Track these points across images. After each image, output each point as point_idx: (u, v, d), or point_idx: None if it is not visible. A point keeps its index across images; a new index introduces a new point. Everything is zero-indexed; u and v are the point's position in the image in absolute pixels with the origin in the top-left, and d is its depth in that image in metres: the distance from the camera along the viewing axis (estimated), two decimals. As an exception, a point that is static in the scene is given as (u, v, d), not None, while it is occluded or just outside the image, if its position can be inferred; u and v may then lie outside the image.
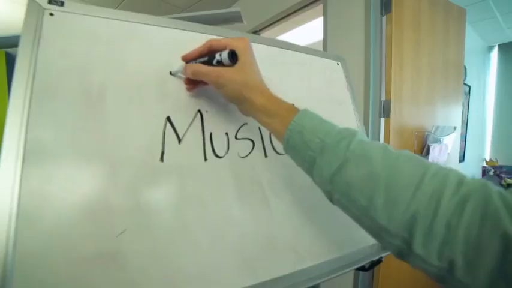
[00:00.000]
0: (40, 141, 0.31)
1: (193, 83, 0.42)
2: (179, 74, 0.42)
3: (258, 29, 1.83)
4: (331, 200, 0.33)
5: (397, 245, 0.26)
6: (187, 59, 0.41)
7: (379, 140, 1.20)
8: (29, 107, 0.31)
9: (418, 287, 1.33)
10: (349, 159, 0.29)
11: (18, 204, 0.28)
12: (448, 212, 0.23)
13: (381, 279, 1.14)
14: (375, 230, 0.28)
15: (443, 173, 0.25)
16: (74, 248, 0.29)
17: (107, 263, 0.30)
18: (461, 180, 0.24)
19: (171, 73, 0.42)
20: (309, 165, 0.33)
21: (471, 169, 2.52)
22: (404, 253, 0.26)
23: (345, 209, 0.31)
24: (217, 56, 0.37)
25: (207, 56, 0.39)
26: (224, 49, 0.37)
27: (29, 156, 0.30)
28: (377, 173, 0.27)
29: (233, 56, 0.36)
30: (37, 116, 0.31)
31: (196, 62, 0.40)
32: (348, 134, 0.31)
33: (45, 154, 0.31)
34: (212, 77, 0.37)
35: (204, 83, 0.41)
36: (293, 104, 0.36)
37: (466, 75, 2.08)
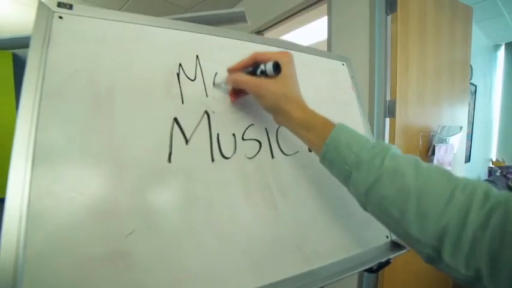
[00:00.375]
0: (49, 142, 0.31)
1: (236, 94, 0.44)
2: (222, 85, 0.44)
3: (262, 29, 1.83)
4: (365, 208, 0.35)
5: (428, 253, 0.28)
6: (232, 71, 0.43)
7: (384, 140, 1.20)
8: (39, 108, 0.31)
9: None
10: (383, 175, 0.31)
11: (28, 205, 0.28)
12: (474, 225, 0.25)
13: (385, 280, 1.13)
14: (406, 238, 0.30)
15: (471, 187, 0.27)
16: (83, 248, 0.29)
17: (116, 264, 0.31)
18: (487, 193, 0.26)
19: (214, 84, 0.44)
20: (345, 178, 0.35)
21: (477, 169, 2.49)
22: (434, 260, 0.28)
23: (378, 218, 0.33)
24: (262, 66, 0.39)
25: (252, 67, 0.41)
26: (268, 61, 0.39)
27: (39, 157, 0.30)
28: (409, 188, 0.29)
29: (277, 68, 0.38)
30: (46, 117, 0.31)
31: (242, 71, 0.42)
32: (382, 149, 0.33)
33: (54, 155, 0.31)
34: (252, 87, 0.39)
35: (246, 94, 0.43)
36: (327, 118, 0.38)
37: (472, 75, 2.05)
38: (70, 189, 0.31)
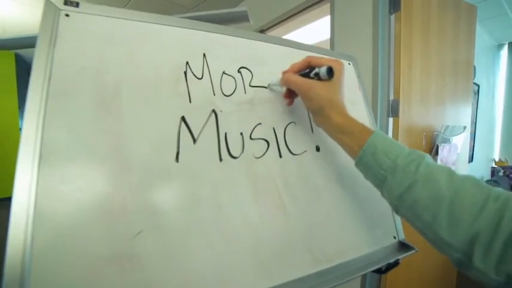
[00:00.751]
0: (56, 142, 0.31)
1: (291, 97, 0.47)
2: (276, 87, 0.47)
3: (264, 29, 1.83)
4: (396, 212, 0.36)
5: (458, 257, 0.29)
6: (286, 72, 0.45)
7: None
8: (45, 106, 0.31)
9: (427, 289, 1.31)
10: (418, 181, 0.32)
11: (35, 204, 0.28)
12: (507, 232, 0.26)
13: (389, 279, 1.13)
14: (437, 243, 0.31)
15: (505, 197, 0.28)
16: (90, 249, 0.29)
17: (122, 265, 0.30)
18: None
19: (268, 85, 0.47)
20: (379, 182, 0.37)
21: (480, 169, 2.48)
22: (464, 265, 0.29)
23: (410, 221, 0.34)
24: (317, 69, 0.42)
25: (306, 69, 0.43)
26: (322, 66, 0.41)
27: (45, 157, 0.29)
28: (443, 194, 0.30)
29: (330, 72, 0.40)
30: (53, 116, 0.31)
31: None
32: (417, 157, 0.34)
33: (61, 154, 0.31)
34: (303, 88, 0.42)
35: (296, 96, 0.46)
36: (364, 124, 0.40)
37: (475, 74, 2.04)
38: (77, 189, 0.30)
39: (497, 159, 2.71)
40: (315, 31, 1.95)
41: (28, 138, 0.29)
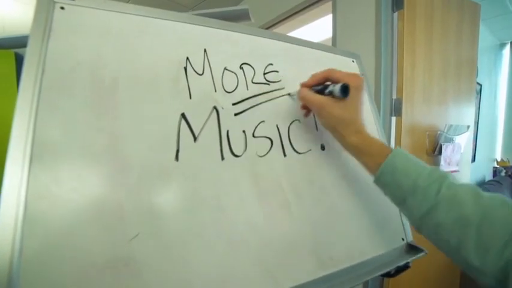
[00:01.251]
0: (48, 141, 0.29)
1: (308, 109, 0.46)
2: (295, 97, 0.47)
3: (265, 28, 1.81)
4: (419, 231, 0.35)
5: (490, 283, 0.27)
6: (305, 85, 0.44)
7: (389, 139, 1.18)
8: (37, 104, 0.29)
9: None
10: (440, 202, 0.31)
11: (25, 207, 0.26)
12: None
13: (391, 281, 1.11)
14: (465, 266, 0.29)
15: None
16: (84, 255, 0.27)
17: (119, 270, 0.29)
18: None
19: (289, 94, 0.47)
20: (399, 202, 0.36)
21: (482, 169, 2.46)
22: None
23: (434, 243, 0.33)
24: (330, 87, 0.40)
25: (323, 84, 0.42)
26: (338, 81, 0.39)
27: (37, 156, 0.28)
28: (469, 217, 0.29)
29: (345, 91, 0.38)
30: (46, 114, 0.29)
31: (312, 88, 0.43)
32: (439, 177, 0.33)
33: (53, 154, 0.29)
34: (315, 107, 0.41)
35: None
36: (383, 143, 0.39)
37: (477, 73, 2.03)
38: (70, 191, 0.29)
39: (499, 159, 2.69)
40: (316, 30, 1.94)
41: (19, 136, 0.28)
